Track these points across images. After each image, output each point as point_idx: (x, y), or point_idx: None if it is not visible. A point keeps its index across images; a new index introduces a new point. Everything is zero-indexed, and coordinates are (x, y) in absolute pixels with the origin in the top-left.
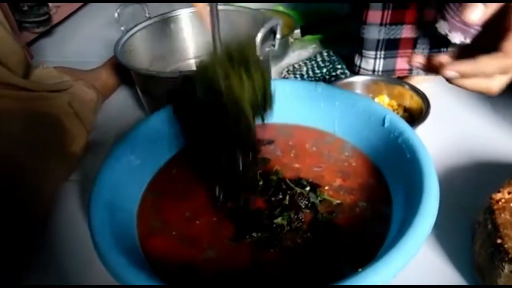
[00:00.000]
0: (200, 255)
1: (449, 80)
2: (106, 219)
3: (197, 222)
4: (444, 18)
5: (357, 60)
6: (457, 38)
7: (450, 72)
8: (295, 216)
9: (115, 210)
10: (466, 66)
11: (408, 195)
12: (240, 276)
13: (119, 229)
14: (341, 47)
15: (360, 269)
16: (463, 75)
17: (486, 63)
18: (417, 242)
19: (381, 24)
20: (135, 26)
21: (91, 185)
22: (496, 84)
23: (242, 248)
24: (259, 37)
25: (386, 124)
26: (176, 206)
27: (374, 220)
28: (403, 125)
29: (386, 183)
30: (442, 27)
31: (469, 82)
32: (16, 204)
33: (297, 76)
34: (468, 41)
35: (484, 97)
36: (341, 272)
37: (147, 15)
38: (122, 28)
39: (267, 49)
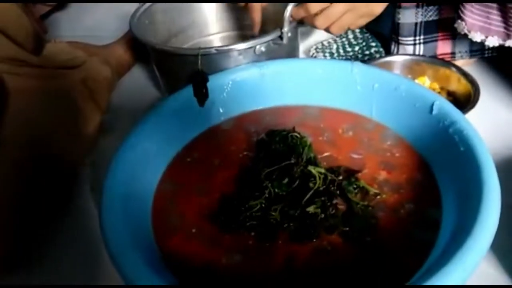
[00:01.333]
0: (223, 257)
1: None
2: (120, 216)
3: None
4: (461, 18)
5: (393, 49)
6: (477, 37)
7: None
8: (329, 203)
9: (129, 204)
10: None
11: (461, 196)
12: (272, 280)
13: (132, 227)
14: (375, 23)
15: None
16: None
17: None
18: (477, 255)
19: (417, 6)
20: None
21: (104, 172)
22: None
23: (272, 247)
24: (288, 10)
25: (435, 112)
26: (194, 199)
27: (421, 225)
28: (456, 113)
29: (435, 181)
30: (460, 27)
31: None
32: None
33: (327, 55)
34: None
35: None
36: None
37: None
38: None
39: (297, 24)
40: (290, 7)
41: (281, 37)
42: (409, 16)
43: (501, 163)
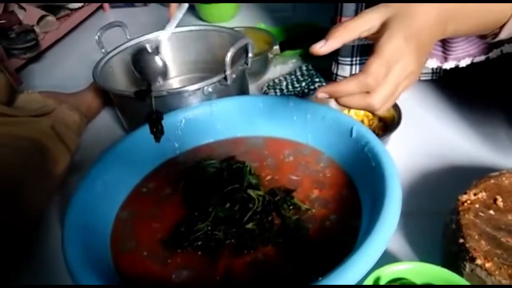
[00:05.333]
0: (173, 274)
1: (337, 101)
2: (79, 240)
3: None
4: None
5: (334, 68)
6: (430, 63)
7: (320, 94)
8: (265, 219)
9: (89, 231)
10: (331, 87)
11: (373, 204)
12: None
13: (92, 250)
14: (320, 60)
15: (320, 278)
16: (331, 95)
17: (346, 83)
18: (375, 251)
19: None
20: (115, 48)
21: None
22: (376, 101)
23: (215, 262)
24: (228, 56)
25: (354, 135)
26: (148, 225)
27: (343, 232)
28: (369, 134)
29: (358, 194)
30: None
31: (350, 101)
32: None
33: (277, 90)
34: (429, 61)
35: (453, 105)
36: (307, 280)
37: (128, 37)
38: (103, 51)
39: (240, 67)
40: (230, 53)
41: (225, 79)
42: None
43: (427, 174)
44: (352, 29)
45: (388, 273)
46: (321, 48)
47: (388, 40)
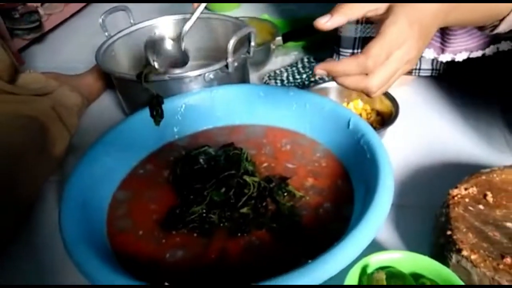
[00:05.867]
0: (167, 253)
1: (334, 79)
2: (76, 217)
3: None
4: None
5: (334, 59)
6: (427, 54)
7: (318, 70)
8: (260, 205)
9: (86, 209)
10: (330, 65)
11: (366, 193)
12: (207, 271)
13: (88, 227)
14: (323, 53)
15: (309, 261)
16: (330, 73)
17: (346, 63)
18: (364, 237)
19: (357, 23)
20: (119, 32)
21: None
22: (373, 84)
23: (209, 243)
24: (231, 44)
25: (351, 126)
26: (144, 206)
27: (336, 219)
28: (365, 126)
29: (351, 184)
30: None
31: (347, 81)
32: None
33: (278, 81)
34: (427, 51)
35: (450, 102)
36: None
37: (131, 21)
38: (106, 34)
39: (242, 56)
40: (232, 40)
41: (227, 66)
42: (349, 31)
43: (422, 168)
44: (359, 6)
45: (376, 261)
46: (326, 23)
47: (392, 24)
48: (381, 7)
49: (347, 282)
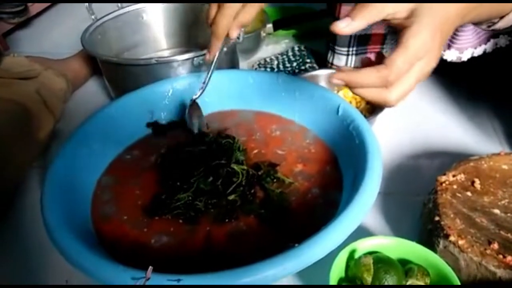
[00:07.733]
0: (153, 239)
1: (351, 89)
2: (59, 200)
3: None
4: None
5: (329, 57)
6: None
7: (335, 80)
8: (248, 192)
9: (70, 193)
10: (349, 75)
11: (355, 178)
12: (193, 256)
13: (72, 212)
14: (313, 42)
15: (297, 245)
16: (348, 84)
17: (366, 74)
18: (351, 222)
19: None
20: (105, 15)
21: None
22: (393, 97)
23: (195, 229)
24: None
25: (340, 113)
26: (129, 191)
27: (324, 204)
28: (355, 113)
29: (340, 170)
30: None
31: (366, 93)
32: None
33: (268, 69)
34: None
35: (440, 92)
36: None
37: (119, 5)
38: (93, 17)
39: (231, 41)
40: None
41: None
42: None
43: (411, 156)
44: (380, 10)
45: (363, 246)
46: (344, 28)
47: (416, 34)
48: (402, 9)
49: (335, 266)
